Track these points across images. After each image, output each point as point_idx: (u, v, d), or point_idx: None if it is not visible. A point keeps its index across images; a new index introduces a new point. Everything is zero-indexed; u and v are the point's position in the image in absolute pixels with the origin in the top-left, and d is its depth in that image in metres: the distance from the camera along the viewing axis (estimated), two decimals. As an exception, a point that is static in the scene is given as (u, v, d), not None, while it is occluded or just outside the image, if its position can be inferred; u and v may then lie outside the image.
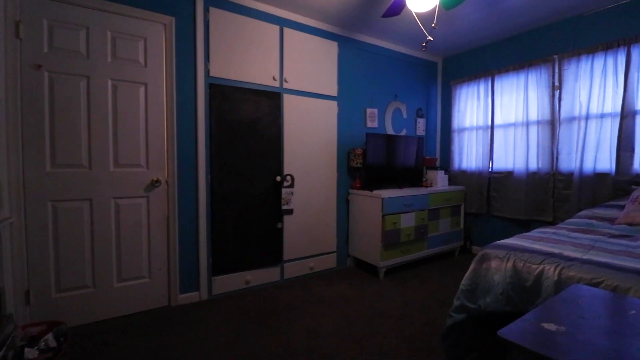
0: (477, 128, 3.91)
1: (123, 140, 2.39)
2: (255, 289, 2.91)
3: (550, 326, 0.98)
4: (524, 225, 3.53)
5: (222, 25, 2.70)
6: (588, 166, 3.01)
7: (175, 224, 2.57)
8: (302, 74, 3.13)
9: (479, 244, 3.99)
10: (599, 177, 2.95)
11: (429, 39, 2.18)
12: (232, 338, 2.12)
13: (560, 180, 3.22)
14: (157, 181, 2.50)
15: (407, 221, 3.28)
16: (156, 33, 2.49)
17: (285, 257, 3.09)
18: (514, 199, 3.56)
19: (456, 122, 4.18)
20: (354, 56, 3.53)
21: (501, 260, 1.71)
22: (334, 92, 3.37)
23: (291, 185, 3.07)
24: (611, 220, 2.52)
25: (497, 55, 3.73)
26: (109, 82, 2.34)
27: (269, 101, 2.95)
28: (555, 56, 3.23)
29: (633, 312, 1.08)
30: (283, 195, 3.02)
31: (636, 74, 2.71)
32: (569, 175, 3.15)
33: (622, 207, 2.60)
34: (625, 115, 2.76)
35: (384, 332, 2.19)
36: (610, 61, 2.85)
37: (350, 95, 3.51)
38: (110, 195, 2.36)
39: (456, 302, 1.85)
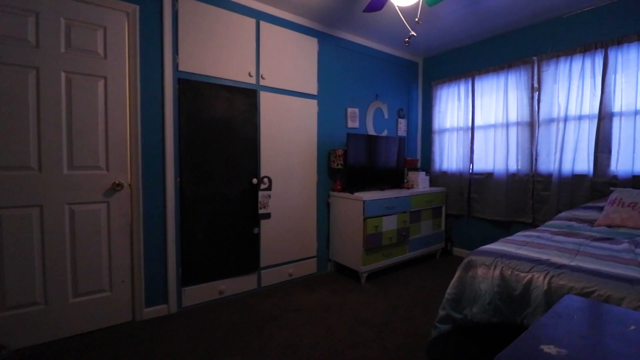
0: (458, 129, 3.89)
1: (79, 140, 2.15)
2: (229, 299, 2.72)
3: (550, 349, 0.88)
4: (504, 227, 3.52)
5: (193, 16, 2.51)
6: (566, 167, 3.03)
7: (139, 231, 2.35)
8: (280, 71, 2.98)
9: (460, 246, 3.97)
10: (577, 179, 2.97)
11: (412, 34, 2.08)
12: (202, 355, 1.94)
13: (540, 182, 3.23)
14: (119, 184, 2.27)
15: (389, 224, 3.19)
16: (117, 22, 2.26)
17: (263, 263, 2.92)
18: (494, 200, 3.55)
19: (437, 123, 4.14)
20: (334, 54, 3.41)
21: (488, 267, 1.63)
22: (313, 90, 3.23)
23: (268, 188, 2.91)
24: (591, 222, 2.52)
25: (478, 56, 3.71)
26: (62, 75, 2.10)
27: (245, 99, 2.77)
28: (535, 58, 3.23)
29: (633, 327, 1.01)
30: (260, 199, 2.85)
31: (613, 76, 2.73)
32: (548, 176, 3.16)
33: (601, 208, 2.61)
34: (603, 117, 2.78)
35: (365, 343, 2.07)
36: (588, 63, 2.87)
37: (330, 94, 3.39)
38: (64, 200, 2.12)
39: (441, 312, 1.76)
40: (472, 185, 3.77)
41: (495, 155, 3.54)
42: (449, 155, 4.01)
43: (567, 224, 2.49)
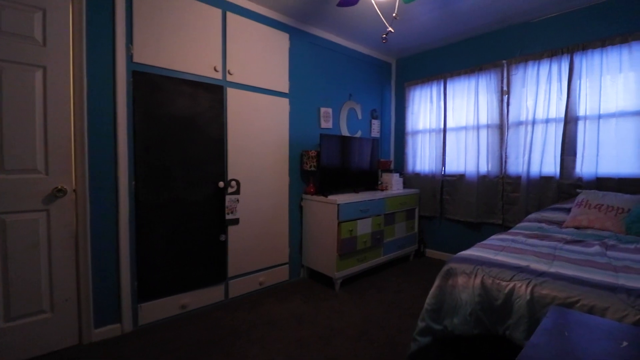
0: (430, 131, 3.88)
1: (10, 139, 1.85)
2: (193, 313, 2.50)
3: (548, 377, 0.80)
4: (475, 228, 3.56)
5: (150, 2, 2.26)
6: (534, 170, 3.09)
7: (86, 242, 2.07)
8: (249, 67, 2.79)
9: (432, 248, 3.97)
10: (545, 180, 3.04)
11: (390, 30, 1.99)
12: (158, 384, 1.72)
13: (509, 184, 3.28)
14: (61, 190, 1.99)
15: (364, 228, 3.10)
16: (60, 4, 1.98)
17: (231, 273, 2.72)
18: (465, 202, 3.57)
19: (410, 125, 4.12)
20: (307, 51, 3.27)
21: (468, 276, 1.56)
22: (285, 88, 3.07)
23: (237, 192, 2.71)
24: (559, 224, 2.57)
25: (450, 59, 3.72)
26: (-11, 62, 1.79)
27: (210, 95, 2.55)
28: (504, 61, 3.27)
29: (625, 343, 0.95)
30: (227, 203, 2.65)
31: (578, 81, 2.81)
32: (517, 178, 3.21)
33: (568, 210, 2.67)
34: (569, 120, 2.86)
35: (341, 357, 1.94)
36: (555, 68, 2.94)
37: (303, 92, 3.24)
38: (-9, 209, 1.81)
39: (420, 324, 1.67)
40: (444, 187, 3.78)
41: (467, 157, 3.56)
42: (422, 157, 4.00)
43: (538, 225, 2.52)
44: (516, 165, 3.23)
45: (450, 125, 3.72)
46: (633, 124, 2.58)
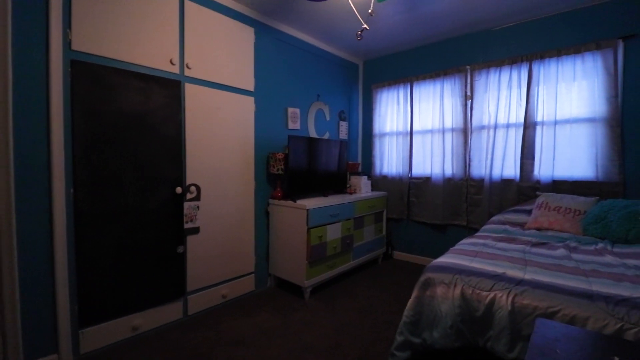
0: (398, 133, 3.89)
1: None
2: (147, 335, 2.22)
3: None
4: (441, 230, 3.61)
5: (92, -19, 1.96)
6: (496, 172, 3.19)
7: (12, 262, 1.74)
8: (210, 61, 2.56)
9: (400, 250, 3.98)
10: (506, 183, 3.15)
11: (365, 28, 1.89)
12: None
13: (473, 186, 3.36)
14: (-24, 200, 1.64)
15: (334, 233, 3.00)
16: (-28, -25, 1.63)
17: (190, 287, 2.47)
18: (432, 204, 3.62)
19: (377, 127, 4.11)
20: (273, 47, 3.09)
21: (447, 286, 1.50)
22: (250, 86, 2.87)
23: (196, 198, 2.47)
24: (522, 225, 2.66)
25: (416, 62, 3.75)
26: None
27: (165, 91, 2.29)
28: (468, 67, 3.35)
29: (616, 358, 0.93)
30: (185, 211, 2.40)
31: (537, 88, 2.93)
32: (480, 181, 3.30)
33: (528, 211, 2.77)
34: (528, 126, 2.98)
35: (315, 376, 1.81)
36: (515, 75, 3.05)
37: (269, 91, 3.06)
38: None
39: (399, 338, 1.59)
40: (411, 189, 3.80)
41: (433, 160, 3.61)
42: (390, 159, 3.99)
43: (503, 228, 2.58)
44: (479, 168, 3.32)
45: (417, 128, 3.75)
46: (585, 130, 2.74)
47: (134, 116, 2.15)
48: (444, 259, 1.75)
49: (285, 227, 2.92)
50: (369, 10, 1.73)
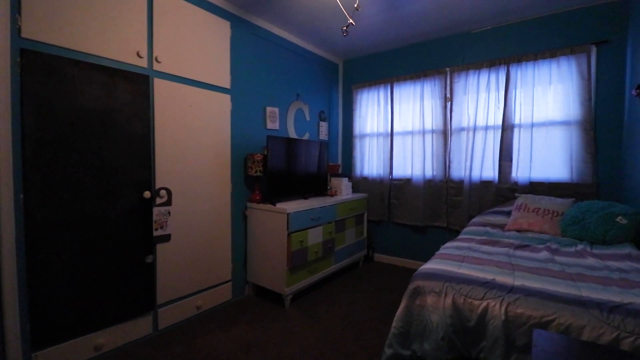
0: (378, 134, 3.85)
1: None
2: (112, 355, 2.02)
3: None
4: (421, 231, 3.60)
5: (45, -39, 1.75)
6: (475, 174, 3.21)
7: (-56, 281, 1.50)
8: (182, 55, 2.38)
9: (380, 252, 3.94)
10: (485, 185, 3.17)
11: (351, 23, 1.80)
12: None
13: (453, 188, 3.37)
14: None
15: (315, 237, 2.89)
16: None
17: (160, 300, 2.28)
18: (412, 206, 3.60)
19: (358, 128, 4.05)
20: (250, 43, 2.94)
21: (438, 295, 1.44)
22: (226, 83, 2.71)
23: (167, 203, 2.28)
24: (501, 227, 2.67)
25: (396, 63, 3.72)
26: None
27: (131, 86, 2.10)
28: (448, 69, 3.36)
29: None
30: (155, 217, 2.21)
31: (514, 91, 2.97)
32: (460, 182, 3.32)
33: (507, 213, 2.80)
34: (506, 128, 3.01)
35: (298, 393, 1.70)
36: (493, 77, 3.08)
37: (247, 89, 2.91)
38: None
39: (388, 351, 1.51)
40: (392, 191, 3.77)
41: (413, 161, 3.59)
42: (370, 161, 3.94)
43: (484, 230, 2.57)
44: (459, 170, 3.33)
45: (397, 130, 3.72)
46: (560, 133, 2.80)
47: (96, 113, 1.94)
48: (432, 265, 1.69)
49: (265, 231, 2.78)
50: (355, 5, 1.64)
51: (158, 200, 2.23)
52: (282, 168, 2.96)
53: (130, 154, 2.09)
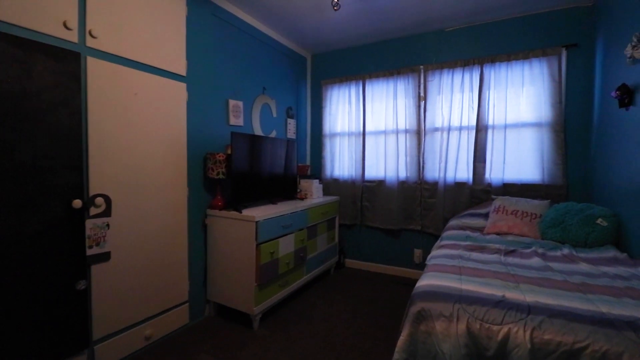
0: (350, 134, 3.64)
1: None
2: (26, 415, 1.54)
3: None
4: (395, 235, 3.47)
5: None
6: (450, 176, 3.13)
7: None
8: (125, 31, 1.94)
9: (352, 257, 3.74)
10: (459, 186, 3.10)
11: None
12: None
13: (427, 189, 3.27)
14: None
15: (286, 246, 2.59)
16: None
17: (97, 334, 1.82)
18: (386, 208, 3.44)
19: (328, 126, 3.81)
20: (211, 25, 2.55)
21: (448, 320, 1.23)
22: (181, 69, 2.30)
23: (105, 213, 1.83)
24: (481, 230, 2.59)
25: (368, 59, 3.55)
26: None
27: (55, 64, 1.63)
28: (422, 67, 3.25)
29: None
30: (89, 232, 1.75)
31: (488, 92, 2.93)
32: (434, 184, 3.22)
33: (484, 215, 2.73)
34: (480, 129, 2.96)
35: None
36: (467, 77, 3.02)
37: (206, 78, 2.52)
38: None
39: (390, 388, 1.27)
40: (364, 193, 3.58)
41: (387, 162, 3.44)
42: (341, 161, 3.72)
43: (465, 234, 2.47)
44: (433, 171, 3.23)
45: (370, 129, 3.55)
46: (532, 134, 2.81)
47: (7, 98, 1.46)
48: (431, 281, 1.49)
49: (228, 243, 2.41)
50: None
51: (93, 211, 1.77)
52: (249, 169, 2.61)
53: (53, 151, 1.62)
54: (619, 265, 1.68)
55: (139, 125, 2.02)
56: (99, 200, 1.78)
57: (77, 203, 1.68)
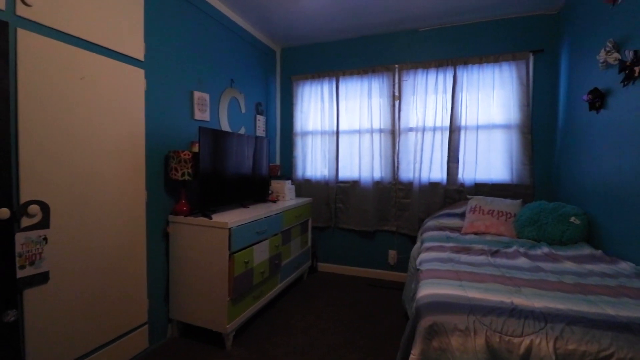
0: (323, 132, 3.49)
1: None
2: None
3: None
4: (369, 236, 3.39)
5: None
6: (424, 176, 3.12)
7: None
8: (67, 1, 1.59)
9: (325, 261, 3.60)
10: (433, 186, 3.11)
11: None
12: None
13: (401, 190, 3.24)
14: None
15: (261, 254, 2.37)
16: None
17: (32, 375, 1.46)
18: (361, 209, 3.35)
19: (299, 124, 3.62)
20: (173, 7, 2.24)
21: (464, 334, 1.13)
22: (138, 53, 1.97)
23: (42, 224, 1.47)
24: (458, 230, 2.59)
25: (342, 55, 3.43)
26: None
27: (-30, 34, 1.26)
28: (396, 66, 3.21)
29: None
30: (19, 249, 1.39)
31: (461, 93, 2.97)
32: (409, 184, 3.20)
33: (459, 215, 2.75)
34: (453, 129, 2.99)
35: None
36: (441, 78, 3.03)
37: (167, 65, 2.20)
38: None
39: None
40: (338, 194, 3.46)
41: (361, 162, 3.35)
42: (313, 161, 3.56)
43: (445, 234, 2.45)
44: (407, 172, 3.21)
45: (344, 128, 3.43)
46: (502, 136, 2.89)
47: None
48: (434, 290, 1.39)
49: (196, 253, 2.13)
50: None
51: (25, 222, 1.41)
52: (219, 169, 2.34)
53: (-33, 146, 1.25)
54: (599, 262, 1.74)
55: (87, 116, 1.67)
56: (34, 208, 1.42)
57: (4, 212, 1.32)
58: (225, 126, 2.80)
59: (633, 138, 1.70)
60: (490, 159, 2.94)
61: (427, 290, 1.41)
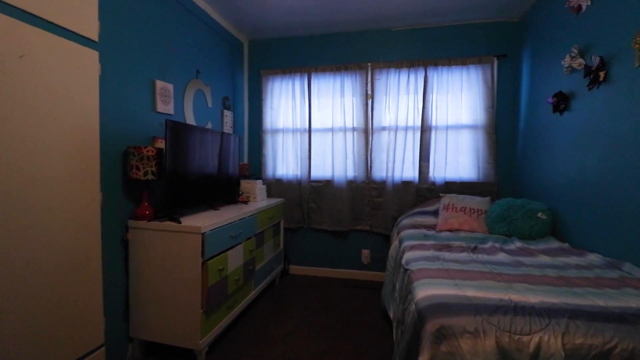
0: (294, 130, 3.37)
1: None
2: None
3: None
4: (343, 236, 3.34)
5: None
6: (397, 174, 3.15)
7: None
8: (0, -40, 1.29)
9: (296, 263, 3.48)
10: (405, 185, 3.15)
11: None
12: None
13: (375, 189, 3.24)
14: None
15: (235, 260, 2.19)
16: None
17: None
18: (334, 209, 3.29)
19: (269, 121, 3.45)
20: (130, -18, 1.97)
21: (474, 336, 1.10)
22: (91, 32, 1.69)
23: (-30, 235, 1.18)
24: (433, 227, 2.64)
25: (314, 51, 3.33)
26: None
27: None
28: (369, 64, 3.20)
29: None
30: (-63, 267, 1.09)
31: (431, 94, 3.03)
32: (382, 183, 3.20)
33: (432, 212, 2.81)
34: (424, 129, 3.05)
35: None
36: (412, 78, 3.08)
37: (126, 48, 1.93)
38: None
39: None
40: (310, 194, 3.36)
41: (334, 161, 3.28)
42: (285, 160, 3.42)
43: (421, 232, 2.48)
44: (380, 171, 3.21)
45: (316, 126, 3.34)
46: (469, 136, 3.01)
47: None
48: (432, 291, 1.35)
49: (162, 262, 1.89)
50: None
51: (-56, 233, 1.11)
52: (187, 168, 2.12)
53: None
54: (570, 255, 1.84)
55: (27, 103, 1.38)
56: (-44, 215, 1.13)
57: None
58: (190, 120, 2.55)
59: (597, 139, 1.83)
60: (459, 158, 3.05)
61: (425, 291, 1.36)
